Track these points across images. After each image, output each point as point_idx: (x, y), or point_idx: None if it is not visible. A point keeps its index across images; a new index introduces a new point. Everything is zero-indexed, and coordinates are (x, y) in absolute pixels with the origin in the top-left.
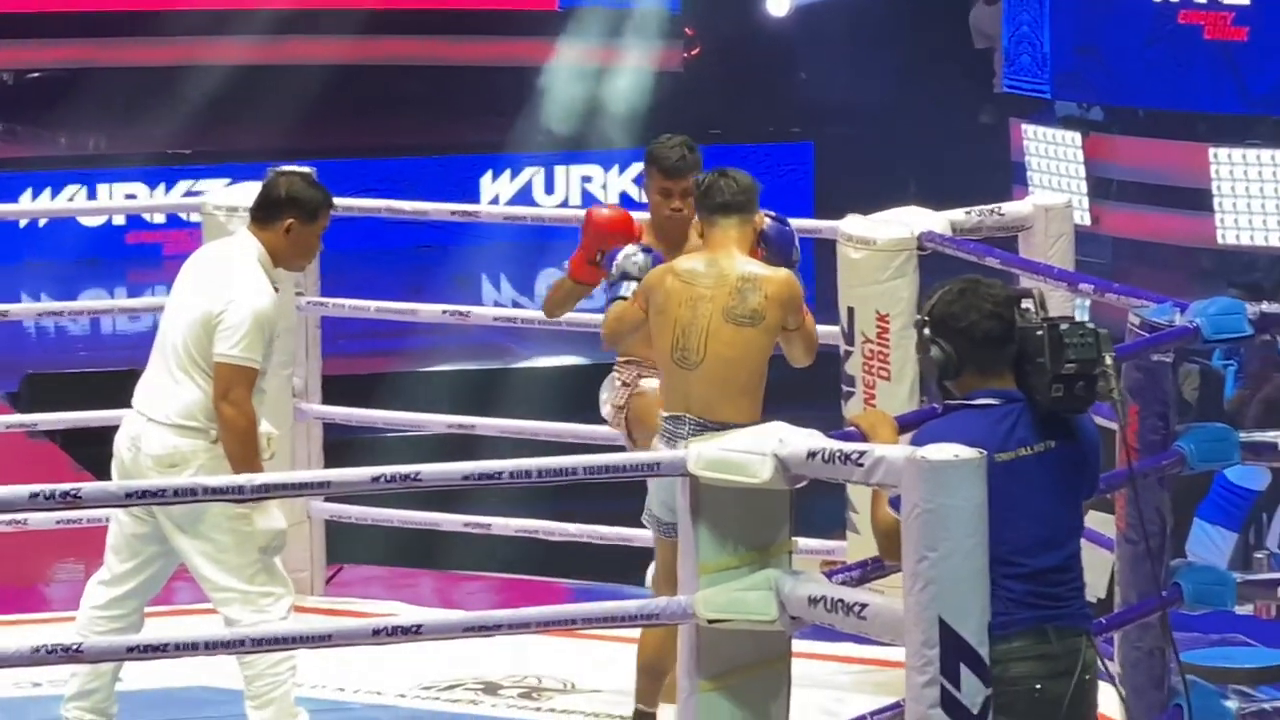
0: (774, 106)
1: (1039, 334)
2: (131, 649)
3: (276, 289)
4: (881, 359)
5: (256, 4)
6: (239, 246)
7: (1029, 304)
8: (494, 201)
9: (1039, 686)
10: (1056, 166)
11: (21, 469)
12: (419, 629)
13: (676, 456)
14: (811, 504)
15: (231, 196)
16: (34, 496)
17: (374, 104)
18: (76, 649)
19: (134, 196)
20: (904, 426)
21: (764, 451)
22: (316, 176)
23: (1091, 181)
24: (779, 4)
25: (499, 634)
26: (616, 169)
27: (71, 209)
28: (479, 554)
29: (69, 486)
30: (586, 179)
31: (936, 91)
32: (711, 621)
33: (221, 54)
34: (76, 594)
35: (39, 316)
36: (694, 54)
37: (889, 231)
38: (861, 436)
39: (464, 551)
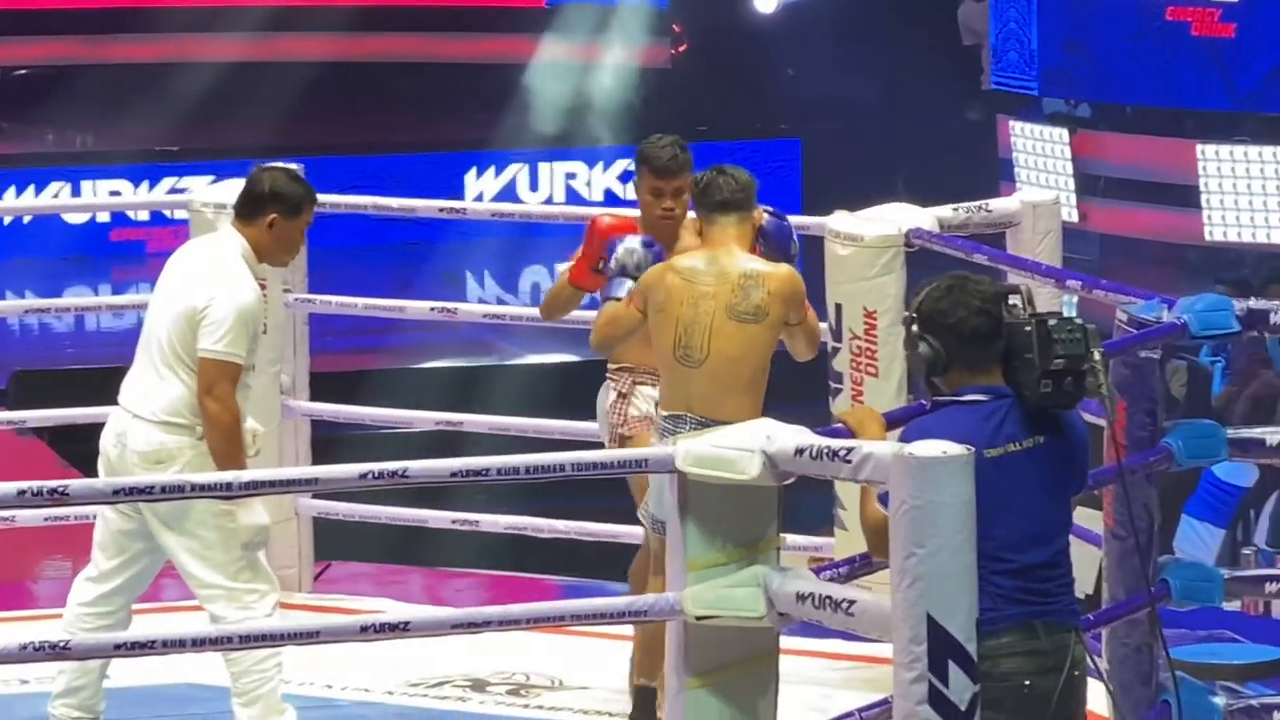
0: (761, 103)
1: (1027, 330)
2: (119, 646)
3: (263, 284)
4: (869, 355)
5: (244, 1)
6: (223, 242)
7: (1017, 300)
8: (478, 198)
9: (1028, 682)
10: (1044, 163)
11: (9, 466)
12: (407, 626)
13: (665, 453)
14: (799, 501)
15: (219, 193)
16: (22, 494)
17: (360, 101)
18: (64, 646)
19: (118, 193)
20: (892, 423)
21: (752, 448)
22: (304, 173)
23: (1079, 178)
24: (766, 0)
25: (487, 631)
26: (601, 165)
27: (58, 206)
28: (467, 551)
29: (56, 484)
30: (571, 176)
31: (924, 88)
32: (699, 618)
33: (207, 51)
34: (64, 591)
35: (24, 314)
36: (681, 50)
37: (876, 228)
38: (849, 433)
39: (452, 548)
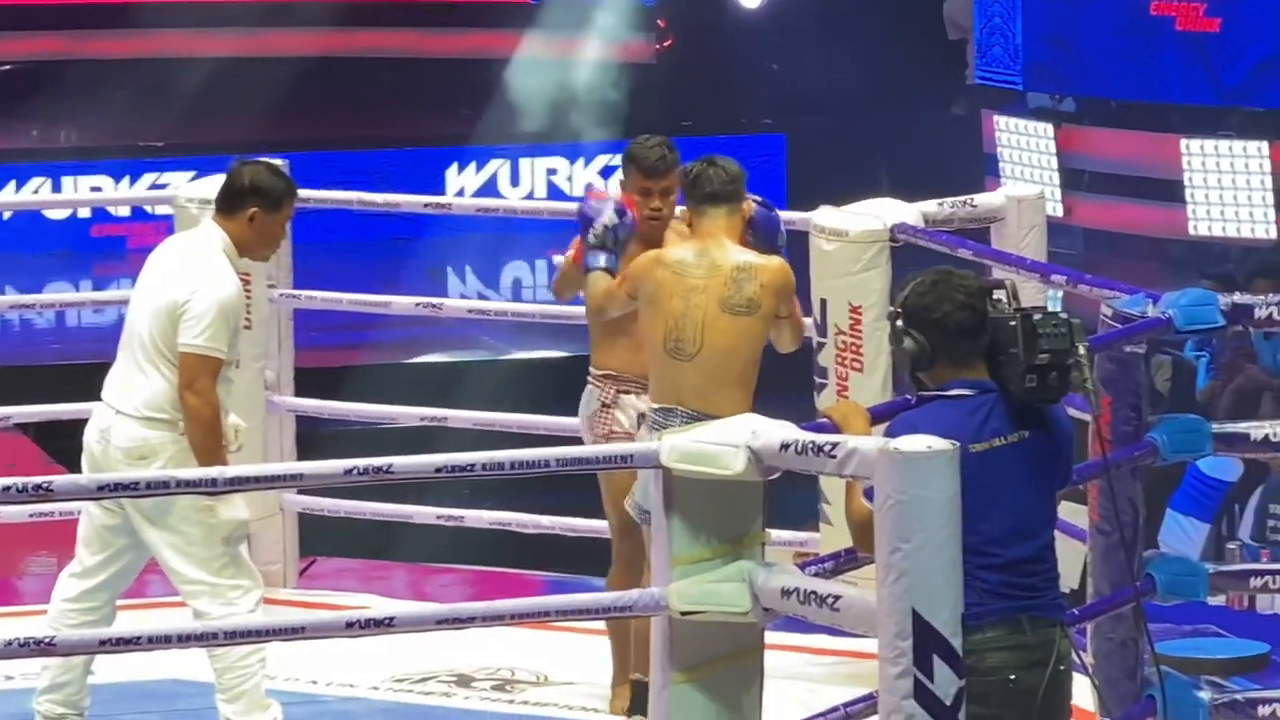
0: (746, 98)
1: (1012, 324)
2: (104, 642)
3: (246, 279)
4: (854, 350)
5: None
6: (203, 237)
7: (1001, 295)
8: (460, 194)
9: (1013, 677)
10: (1029, 158)
11: None
12: (392, 621)
13: (649, 449)
14: (784, 495)
15: (203, 189)
16: (6, 490)
17: (343, 96)
18: (48, 642)
19: (99, 189)
20: (877, 418)
21: (737, 443)
22: (289, 169)
23: (1064, 173)
24: None
25: (472, 626)
26: (582, 161)
27: (41, 202)
28: (452, 546)
29: (41, 480)
30: (552, 171)
31: (909, 83)
32: (684, 614)
33: (191, 46)
34: (49, 587)
35: (6, 310)
36: (666, 46)
37: (861, 223)
38: (834, 428)
39: (437, 544)
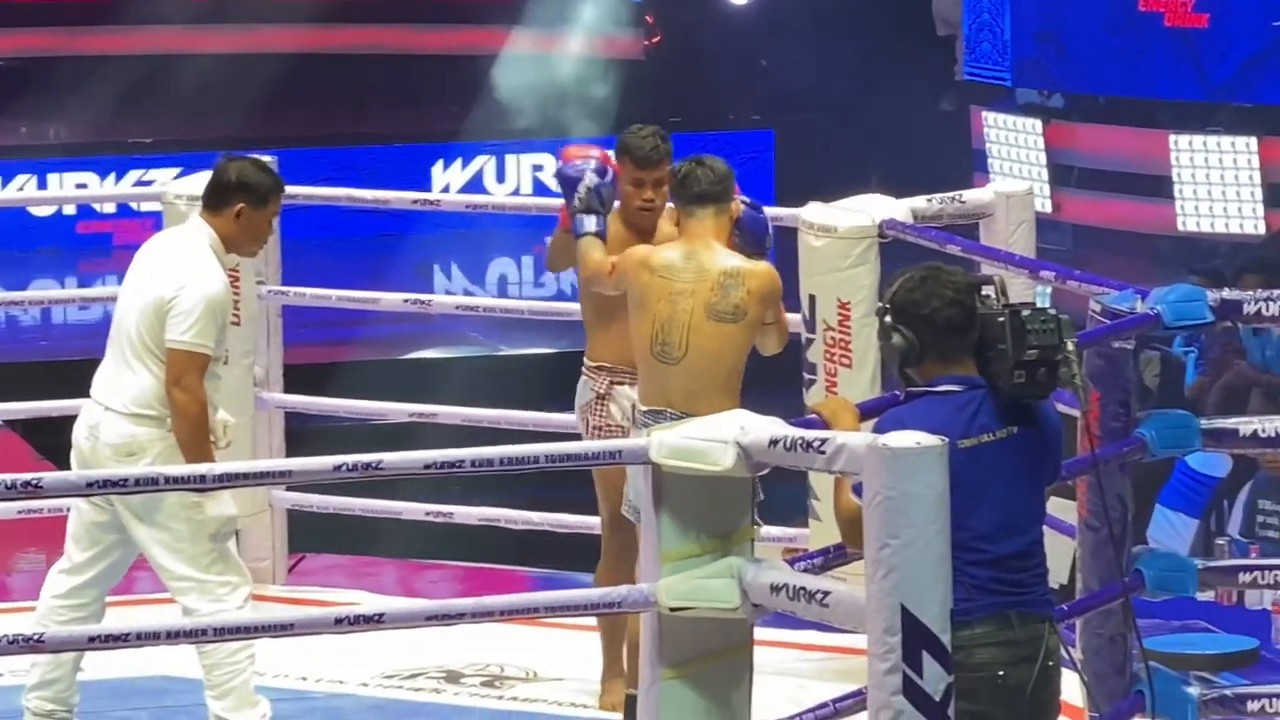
0: (734, 94)
1: (1000, 320)
2: (93, 638)
3: (234, 275)
4: (843, 347)
5: None
6: (190, 233)
7: (990, 291)
8: (445, 190)
9: (1002, 673)
10: (1017, 154)
11: None
12: (381, 618)
13: (639, 445)
14: (774, 491)
15: (192, 185)
16: None
17: (330, 93)
18: (38, 638)
19: (85, 186)
20: (865, 414)
21: (726, 439)
22: (277, 166)
23: (1052, 169)
24: None
25: (461, 623)
26: None
27: (28, 198)
28: (441, 543)
29: (30, 476)
30: (538, 167)
31: (898, 79)
32: (674, 610)
33: (180, 43)
34: (37, 583)
35: None
36: (654, 42)
37: (850, 219)
38: (823, 424)
39: (426, 540)
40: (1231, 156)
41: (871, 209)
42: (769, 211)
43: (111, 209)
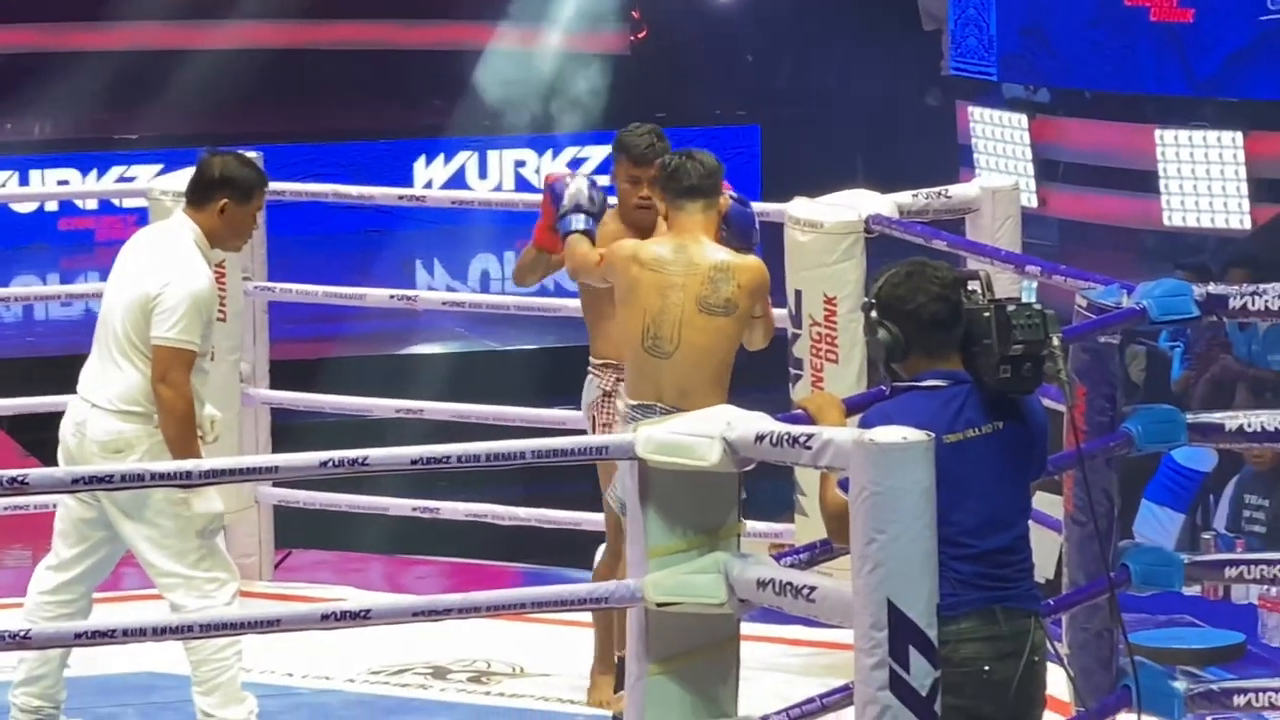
0: (720, 89)
1: (986, 315)
2: (80, 634)
3: (220, 271)
4: (829, 342)
5: None
6: (174, 229)
7: (976, 286)
8: (428, 186)
9: (987, 668)
10: (1003, 149)
11: None
12: (368, 614)
13: (625, 440)
14: (760, 487)
15: (178, 182)
16: None
17: (314, 88)
18: (24, 635)
19: (66, 182)
20: (852, 409)
21: (712, 435)
22: (263, 162)
23: (1038, 163)
24: None
25: (448, 618)
26: (550, 153)
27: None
28: (428, 538)
29: (16, 473)
30: (520, 163)
31: (884, 74)
32: (660, 605)
33: (164, 39)
34: (25, 580)
35: None
36: (640, 37)
37: (836, 214)
38: (809, 419)
39: (413, 536)
40: (1217, 151)
41: (857, 204)
42: (756, 207)
43: (94, 205)
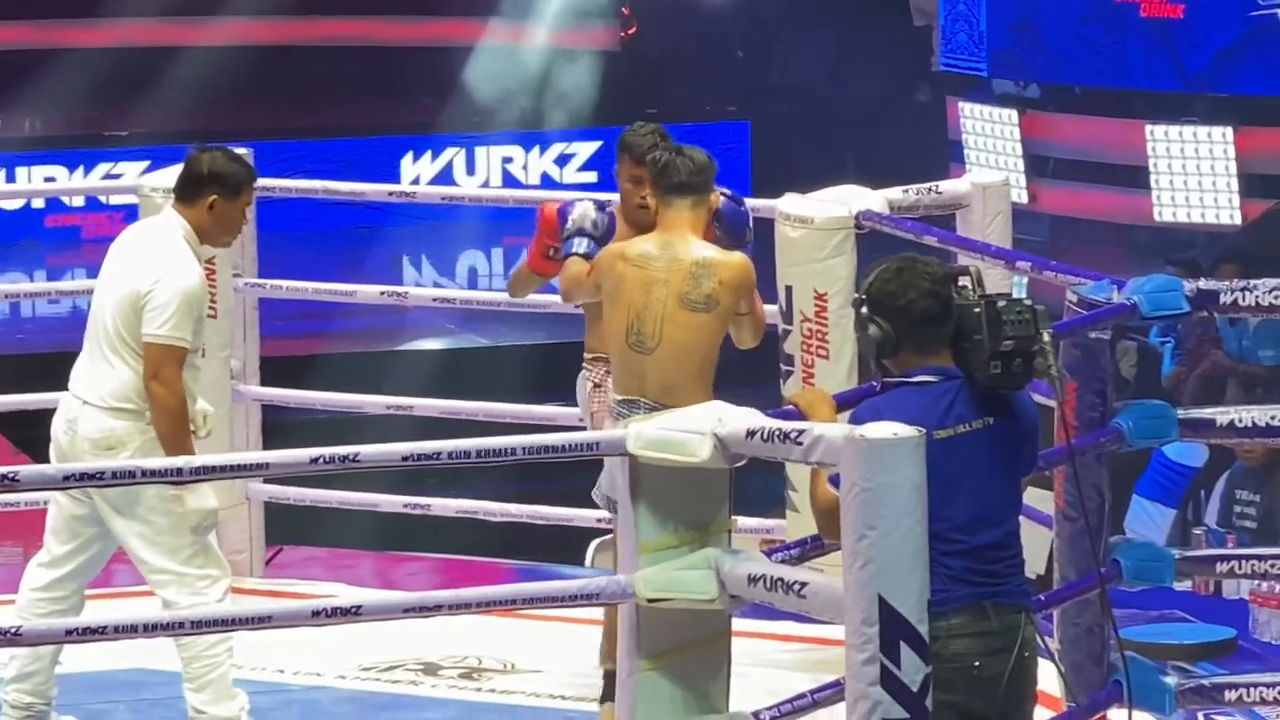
0: (711, 85)
1: (976, 311)
2: (71, 631)
3: (210, 268)
4: (820, 338)
5: None
6: (164, 225)
7: (966, 282)
8: (415, 182)
9: (978, 664)
10: (994, 144)
11: None
12: (359, 610)
13: (615, 436)
14: (750, 483)
15: (170, 178)
16: None
17: (302, 85)
18: (16, 632)
19: (53, 179)
20: (842, 405)
21: (703, 430)
22: (253, 158)
23: (1029, 159)
24: None
25: (439, 615)
26: (538, 149)
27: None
28: (419, 535)
29: (6, 470)
30: (508, 160)
31: (874, 70)
32: (651, 601)
33: (154, 36)
34: (16, 577)
35: None
36: (631, 33)
37: (827, 210)
38: (800, 415)
39: (404, 532)
40: (1208, 147)
41: (848, 200)
42: (746, 203)
43: (80, 202)
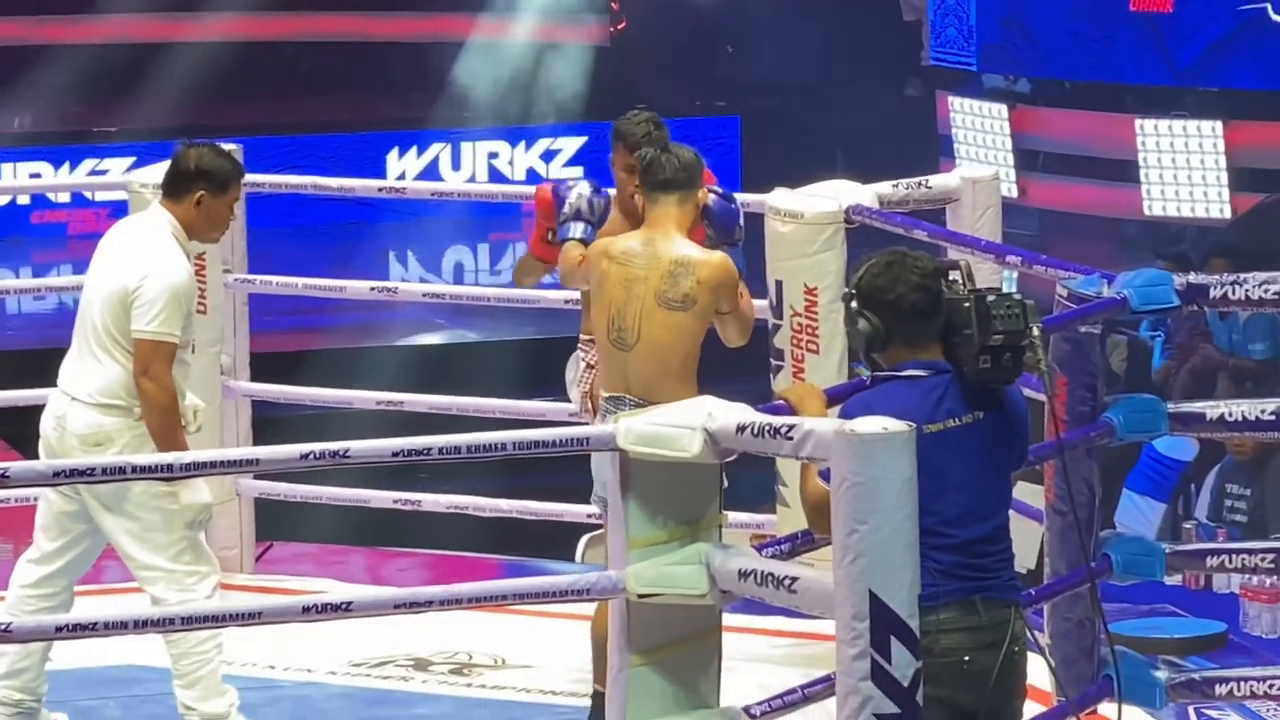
0: (700, 80)
1: (966, 305)
2: (61, 628)
3: (200, 263)
4: (810, 332)
5: None
6: (152, 221)
7: (956, 276)
8: (400, 178)
9: (967, 658)
10: (983, 139)
11: None
12: (349, 606)
13: (605, 431)
14: (741, 478)
15: (159, 174)
16: None
17: (289, 80)
18: (6, 628)
19: (39, 176)
20: (833, 399)
21: (693, 425)
22: (243, 154)
23: (1018, 153)
24: None
25: (429, 610)
26: (523, 145)
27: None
28: (409, 530)
29: None
30: (493, 155)
31: (864, 65)
32: (642, 596)
33: (139, 31)
34: (6, 573)
35: None
36: (620, 28)
37: (817, 205)
38: (790, 410)
39: (394, 528)
40: (1197, 140)
41: (838, 194)
42: (736, 198)
43: (66, 199)
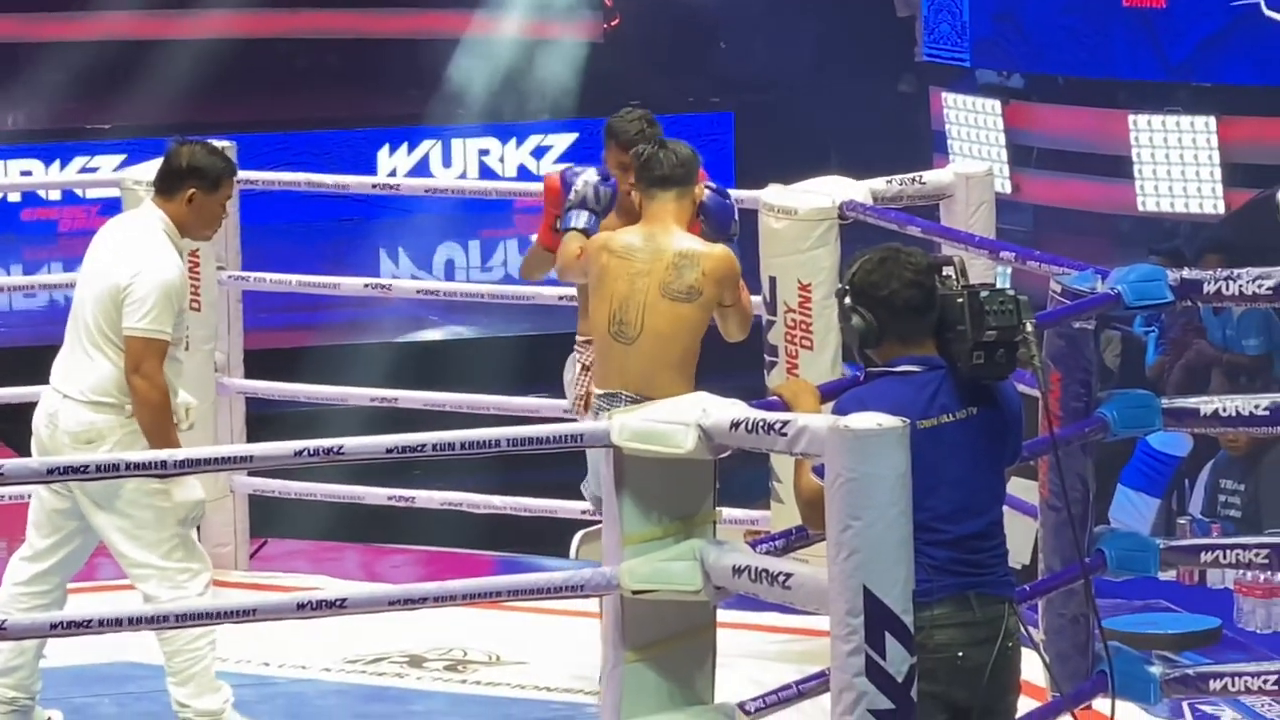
0: (694, 76)
1: (959, 301)
2: (54, 625)
3: (194, 260)
4: (804, 328)
5: None
6: (144, 219)
7: (950, 272)
8: (391, 175)
9: (961, 654)
10: (977, 135)
11: None
12: (343, 603)
13: (600, 428)
14: (735, 474)
15: (152, 171)
16: None
17: (282, 77)
18: (0, 625)
19: (29, 173)
20: (826, 395)
21: (687, 422)
22: (236, 151)
23: (1012, 149)
24: None
25: (424, 607)
26: (514, 142)
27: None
28: (404, 527)
29: None
30: (484, 152)
31: (857, 60)
32: (636, 592)
33: (132, 29)
34: None
35: None
36: (614, 24)
37: (810, 201)
38: (784, 406)
39: (388, 525)
40: (1190, 136)
41: (831, 190)
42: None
43: (57, 196)
